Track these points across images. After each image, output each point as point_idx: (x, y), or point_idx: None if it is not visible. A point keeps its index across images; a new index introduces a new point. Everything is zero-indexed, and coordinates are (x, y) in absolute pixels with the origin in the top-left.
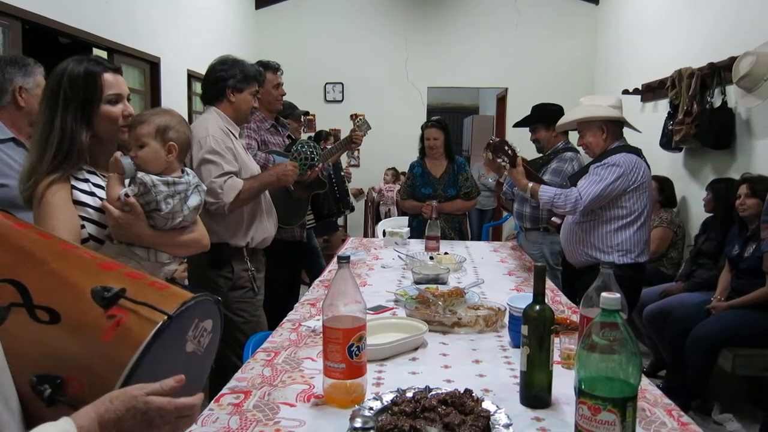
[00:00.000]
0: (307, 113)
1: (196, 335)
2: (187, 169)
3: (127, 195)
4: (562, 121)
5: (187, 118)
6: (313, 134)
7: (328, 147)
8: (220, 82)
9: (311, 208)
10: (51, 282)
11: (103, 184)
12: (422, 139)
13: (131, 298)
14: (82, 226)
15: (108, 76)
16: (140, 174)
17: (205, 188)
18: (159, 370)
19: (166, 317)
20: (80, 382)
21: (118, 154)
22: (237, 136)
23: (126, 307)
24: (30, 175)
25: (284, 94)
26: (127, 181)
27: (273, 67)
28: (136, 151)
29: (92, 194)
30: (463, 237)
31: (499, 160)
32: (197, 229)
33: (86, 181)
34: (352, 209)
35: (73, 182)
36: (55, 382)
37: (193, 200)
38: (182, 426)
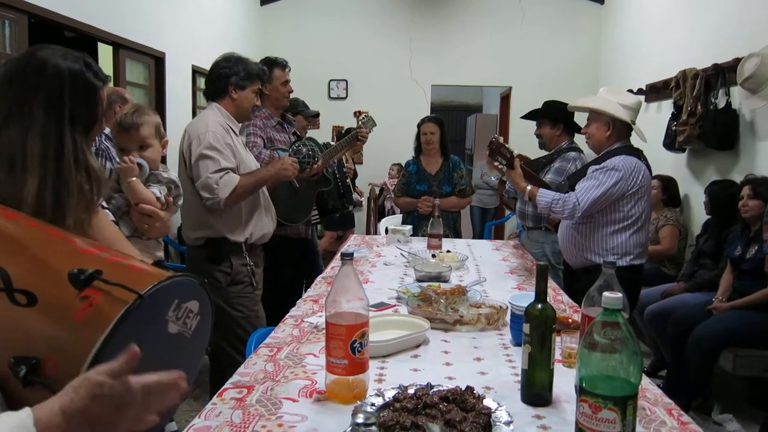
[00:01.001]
0: (317, 114)
1: (180, 316)
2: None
3: (166, 195)
4: (575, 102)
5: (191, 114)
6: (317, 130)
7: (332, 144)
8: (223, 79)
9: (315, 205)
10: (31, 266)
11: None
12: (418, 136)
13: (105, 279)
14: None
15: (102, 93)
16: (167, 174)
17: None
18: (141, 351)
19: (136, 296)
20: (55, 363)
21: (137, 158)
22: (237, 132)
23: (100, 289)
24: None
25: (291, 91)
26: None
27: (281, 64)
28: (140, 152)
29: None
30: (457, 235)
31: (496, 163)
32: None
33: None
34: (355, 205)
35: None
36: (31, 362)
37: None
38: (155, 404)
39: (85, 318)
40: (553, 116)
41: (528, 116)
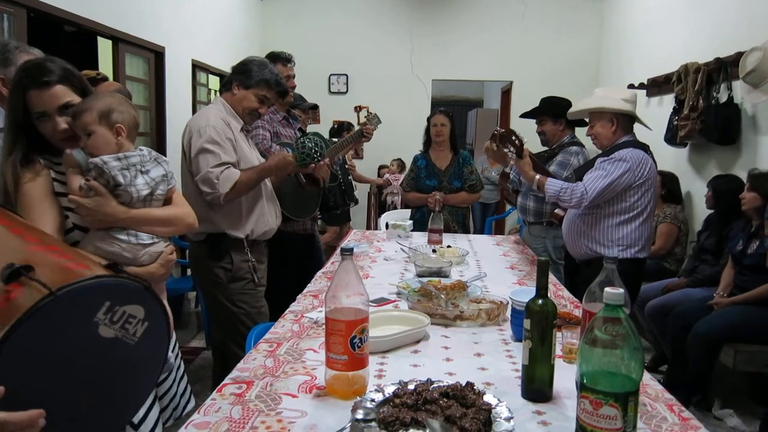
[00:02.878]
0: (316, 106)
1: (116, 320)
2: (141, 147)
3: (87, 180)
4: (573, 108)
5: (190, 108)
6: (318, 125)
7: (336, 141)
8: (233, 74)
9: None
10: None
11: None
12: (427, 130)
13: (28, 275)
14: (66, 216)
15: (33, 94)
16: (91, 159)
17: (167, 160)
18: (57, 347)
19: (48, 293)
20: None
21: (68, 151)
22: (239, 129)
23: (24, 284)
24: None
25: (294, 87)
26: None
27: (285, 59)
28: (86, 140)
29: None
30: (466, 230)
31: (505, 150)
32: (178, 206)
33: (62, 172)
34: (356, 202)
35: (54, 174)
36: None
37: (156, 171)
38: None
39: (1, 311)
40: (555, 112)
41: (528, 114)
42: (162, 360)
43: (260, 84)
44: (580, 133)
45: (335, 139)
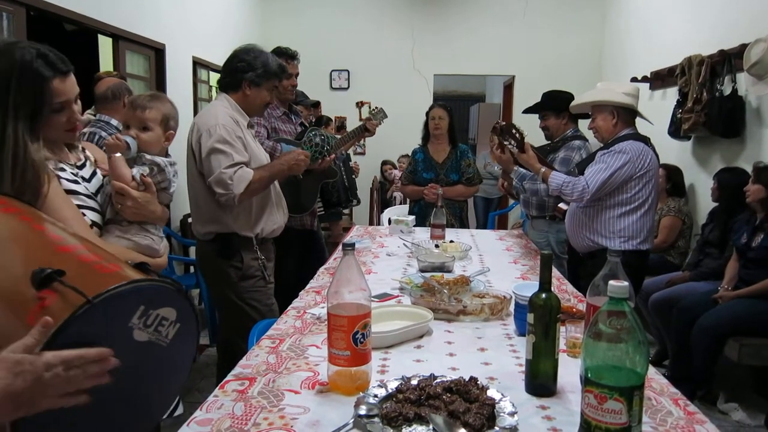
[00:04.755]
0: (318, 103)
1: (150, 323)
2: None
3: (142, 175)
4: (575, 102)
5: (192, 105)
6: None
7: (338, 136)
8: (239, 74)
9: (320, 197)
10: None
11: (72, 171)
12: (426, 124)
13: (61, 280)
14: (83, 215)
15: (57, 84)
16: (150, 156)
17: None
18: None
19: (84, 301)
20: None
21: (118, 136)
22: (246, 126)
23: (57, 290)
24: None
25: (295, 85)
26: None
27: (290, 56)
28: (139, 132)
29: (76, 182)
30: (463, 224)
31: (506, 143)
32: None
33: (63, 169)
34: (359, 201)
35: (57, 172)
36: None
37: (176, 180)
38: (75, 377)
39: (36, 320)
40: (557, 106)
41: (531, 110)
42: (191, 360)
43: (271, 78)
44: (583, 125)
45: (337, 135)
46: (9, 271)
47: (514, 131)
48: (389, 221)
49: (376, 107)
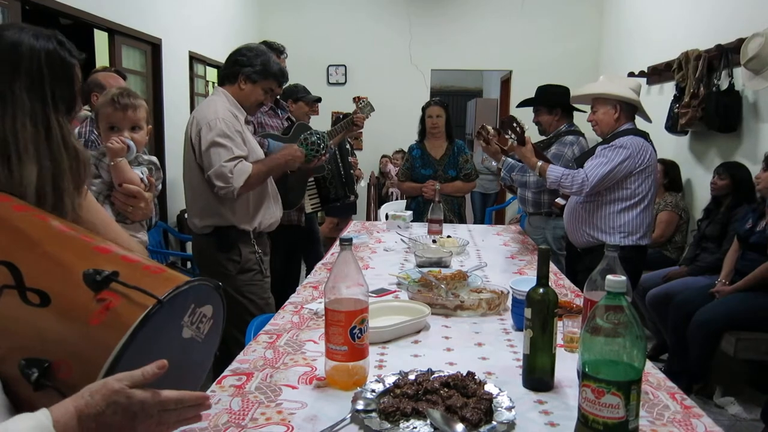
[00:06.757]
0: (319, 99)
1: (194, 321)
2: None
3: (148, 176)
4: (577, 92)
5: (188, 100)
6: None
7: (328, 129)
8: (236, 67)
9: (317, 192)
10: (44, 264)
11: None
12: (422, 120)
13: (123, 281)
14: None
15: (77, 70)
16: (146, 156)
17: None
18: (153, 357)
19: (155, 301)
20: (68, 367)
21: (121, 139)
22: (243, 120)
23: (117, 291)
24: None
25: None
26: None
27: (276, 49)
28: (130, 133)
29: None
30: (461, 220)
31: (506, 137)
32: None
33: None
34: (356, 196)
35: None
36: (43, 366)
37: None
38: (168, 420)
39: (102, 322)
40: (550, 101)
41: (523, 104)
42: (212, 355)
43: (269, 78)
44: (578, 120)
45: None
46: (53, 274)
47: (515, 125)
48: (386, 216)
49: (363, 99)
